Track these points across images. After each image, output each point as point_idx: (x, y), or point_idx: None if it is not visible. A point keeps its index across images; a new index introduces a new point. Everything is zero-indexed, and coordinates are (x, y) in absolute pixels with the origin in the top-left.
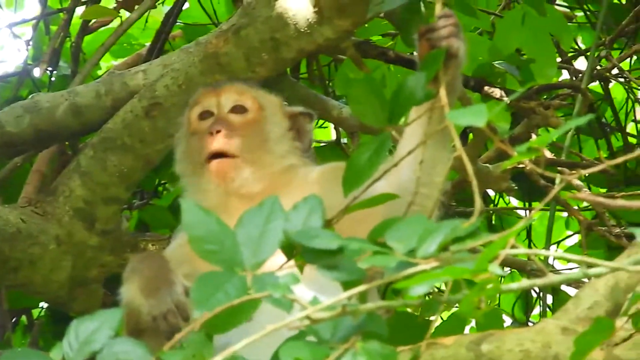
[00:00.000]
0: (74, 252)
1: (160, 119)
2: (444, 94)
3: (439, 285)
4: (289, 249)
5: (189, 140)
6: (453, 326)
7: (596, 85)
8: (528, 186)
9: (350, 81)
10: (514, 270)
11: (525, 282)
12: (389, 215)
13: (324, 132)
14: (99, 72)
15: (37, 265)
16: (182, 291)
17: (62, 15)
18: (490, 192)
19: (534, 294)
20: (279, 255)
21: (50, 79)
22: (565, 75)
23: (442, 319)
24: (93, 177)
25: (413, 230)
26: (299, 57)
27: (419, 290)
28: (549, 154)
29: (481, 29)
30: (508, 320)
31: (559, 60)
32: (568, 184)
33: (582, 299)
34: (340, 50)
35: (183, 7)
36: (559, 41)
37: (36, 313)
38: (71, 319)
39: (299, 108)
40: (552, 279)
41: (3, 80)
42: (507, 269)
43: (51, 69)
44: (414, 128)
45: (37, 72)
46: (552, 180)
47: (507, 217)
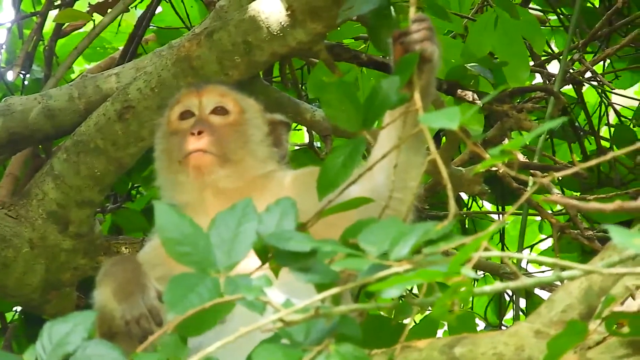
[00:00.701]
0: (47, 255)
1: (133, 122)
2: (418, 97)
3: (411, 288)
4: (263, 252)
5: (168, 140)
6: (426, 329)
7: (569, 89)
8: (501, 190)
9: (323, 84)
10: (487, 274)
11: (499, 285)
12: None
13: (297, 135)
14: (72, 76)
15: (10, 268)
16: (155, 296)
17: (35, 18)
18: (464, 196)
19: (507, 297)
20: (253, 258)
21: (24, 82)
22: (538, 79)
23: (415, 322)
24: (66, 180)
25: (386, 232)
26: (271, 60)
27: (391, 293)
28: (522, 157)
29: (454, 32)
30: (481, 324)
31: (532, 63)
32: (541, 187)
33: (555, 302)
34: (313, 54)
35: (156, 11)
36: (531, 44)
37: (10, 316)
38: (45, 322)
39: (278, 116)
40: (525, 281)
41: None
42: (480, 273)
43: (24, 72)
44: (388, 132)
45: (10, 75)
46: (525, 183)
47: (480, 220)
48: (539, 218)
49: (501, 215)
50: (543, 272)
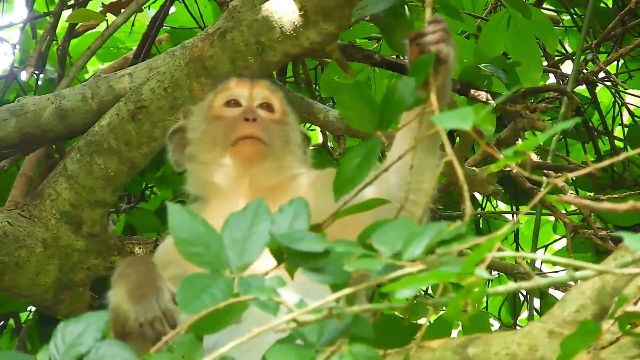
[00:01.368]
0: (61, 255)
1: (146, 122)
2: (434, 99)
3: (426, 289)
4: (278, 252)
5: (210, 124)
6: (440, 329)
7: (583, 89)
8: (515, 190)
9: (335, 84)
10: (501, 274)
11: (512, 285)
12: None
13: (311, 135)
14: (85, 76)
15: (24, 269)
16: (169, 298)
17: (48, 18)
18: (478, 196)
19: (521, 297)
20: (267, 258)
21: (37, 82)
22: (552, 79)
23: (429, 322)
24: (79, 180)
25: (399, 233)
26: (284, 61)
27: (405, 293)
28: (535, 158)
29: (467, 32)
30: (496, 324)
31: (545, 63)
32: (554, 187)
33: (568, 302)
34: (326, 54)
35: (169, 11)
36: (544, 44)
37: (24, 316)
38: (58, 322)
39: (302, 128)
40: (538, 281)
41: None
42: (494, 273)
43: (38, 72)
44: (403, 133)
45: (23, 75)
46: (538, 184)
47: (494, 221)
48: (552, 218)
49: (515, 215)
50: (557, 272)
